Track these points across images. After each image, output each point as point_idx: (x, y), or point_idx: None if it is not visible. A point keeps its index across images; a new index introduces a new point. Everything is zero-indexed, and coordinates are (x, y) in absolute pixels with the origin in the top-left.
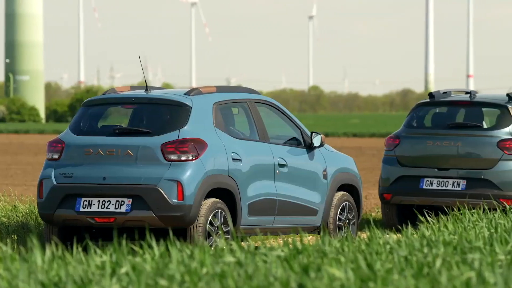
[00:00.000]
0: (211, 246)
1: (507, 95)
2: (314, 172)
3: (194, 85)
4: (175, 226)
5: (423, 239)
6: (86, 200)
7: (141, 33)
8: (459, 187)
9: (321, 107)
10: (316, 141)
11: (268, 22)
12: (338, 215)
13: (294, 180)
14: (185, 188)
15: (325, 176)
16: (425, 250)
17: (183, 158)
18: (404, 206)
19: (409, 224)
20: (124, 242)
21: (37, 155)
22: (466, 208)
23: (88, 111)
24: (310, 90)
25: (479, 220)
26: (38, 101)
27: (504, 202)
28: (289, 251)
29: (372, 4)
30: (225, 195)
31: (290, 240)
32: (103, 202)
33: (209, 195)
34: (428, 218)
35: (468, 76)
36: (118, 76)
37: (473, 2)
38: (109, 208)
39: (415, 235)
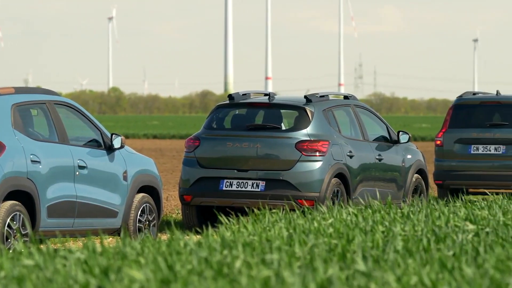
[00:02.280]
0: (9, 249)
1: (305, 97)
2: (114, 173)
3: None
4: None
5: (223, 240)
6: None
7: None
8: (258, 188)
9: (121, 108)
10: (116, 142)
11: (67, 22)
12: (138, 216)
13: (94, 182)
14: None
15: (125, 178)
16: (225, 251)
17: None
18: (204, 207)
19: (209, 225)
20: None
21: None
22: (266, 209)
23: None
24: (110, 91)
25: (279, 220)
26: None
27: (303, 203)
28: (89, 253)
29: (171, 5)
30: (24, 197)
31: (90, 242)
32: None
33: (8, 197)
34: (228, 219)
35: (266, 78)
36: None
37: (272, 4)
38: None
39: (215, 236)
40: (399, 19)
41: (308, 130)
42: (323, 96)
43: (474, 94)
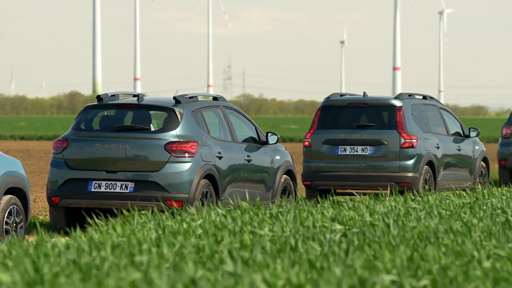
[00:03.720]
0: None
1: (174, 98)
2: None
3: None
4: None
5: (92, 242)
6: None
7: None
8: (127, 189)
9: None
10: None
11: None
12: (5, 218)
13: None
14: None
15: None
16: (94, 252)
17: None
18: (73, 209)
19: (78, 227)
20: None
21: None
22: (135, 210)
23: None
24: None
25: (147, 222)
26: None
27: (172, 204)
28: None
29: (39, 5)
30: None
31: None
32: None
33: None
34: (97, 220)
35: (135, 79)
36: None
37: (140, 4)
38: None
39: (83, 238)
40: (267, 20)
41: (177, 131)
42: (192, 97)
43: (341, 95)
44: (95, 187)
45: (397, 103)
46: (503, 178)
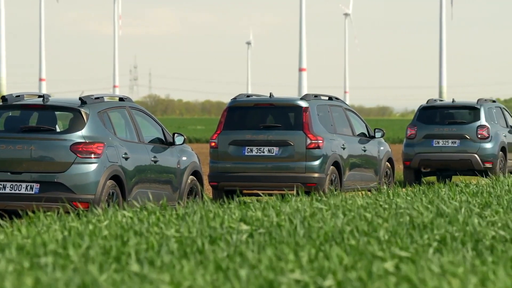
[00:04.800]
0: None
1: (80, 99)
2: None
3: None
4: None
5: None
6: None
7: None
8: (32, 190)
9: None
10: None
11: None
12: None
13: None
14: None
15: None
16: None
17: None
18: None
19: None
20: None
21: None
22: (41, 211)
23: None
24: None
25: (53, 223)
26: None
27: (78, 205)
28: None
29: None
30: None
31: None
32: None
33: None
34: (2, 222)
35: (40, 79)
36: None
37: (45, 5)
38: None
39: None
40: (174, 21)
41: (83, 132)
42: (98, 98)
43: (248, 96)
44: None
45: (303, 104)
46: (408, 179)
